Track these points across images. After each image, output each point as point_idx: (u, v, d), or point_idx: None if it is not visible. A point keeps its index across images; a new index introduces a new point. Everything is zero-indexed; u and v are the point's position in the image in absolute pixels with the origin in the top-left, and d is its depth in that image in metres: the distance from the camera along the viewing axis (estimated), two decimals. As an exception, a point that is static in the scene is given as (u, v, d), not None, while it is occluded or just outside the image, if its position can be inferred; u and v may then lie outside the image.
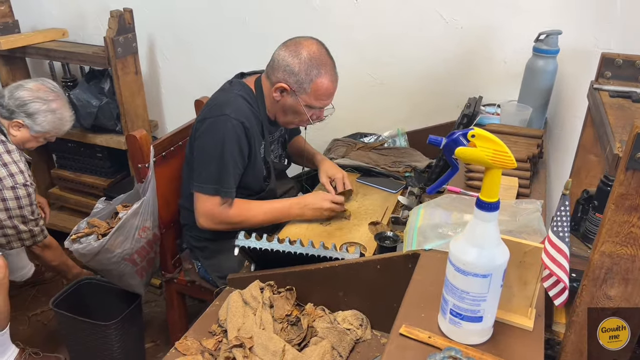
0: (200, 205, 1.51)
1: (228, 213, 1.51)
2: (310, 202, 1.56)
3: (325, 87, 1.50)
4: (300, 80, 1.48)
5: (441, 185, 0.87)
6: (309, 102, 1.51)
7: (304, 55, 1.47)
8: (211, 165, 1.47)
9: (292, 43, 1.51)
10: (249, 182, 1.57)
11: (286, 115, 1.57)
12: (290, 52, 1.48)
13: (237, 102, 1.49)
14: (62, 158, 2.55)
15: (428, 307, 0.92)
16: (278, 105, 1.55)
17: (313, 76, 1.47)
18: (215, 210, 1.50)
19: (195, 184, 1.50)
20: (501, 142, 0.73)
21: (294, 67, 1.47)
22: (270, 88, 1.53)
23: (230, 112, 1.45)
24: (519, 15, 1.79)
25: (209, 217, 1.51)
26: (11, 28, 2.37)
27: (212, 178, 1.47)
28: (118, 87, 2.18)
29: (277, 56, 1.51)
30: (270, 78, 1.53)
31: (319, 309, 1.25)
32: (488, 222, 0.77)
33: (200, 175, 1.49)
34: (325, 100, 1.54)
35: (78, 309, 1.81)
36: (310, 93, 1.50)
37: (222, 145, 1.45)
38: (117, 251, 1.60)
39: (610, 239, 0.93)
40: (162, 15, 2.34)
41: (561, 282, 0.81)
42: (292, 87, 1.49)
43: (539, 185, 1.40)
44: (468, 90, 1.92)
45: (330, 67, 1.51)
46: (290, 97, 1.51)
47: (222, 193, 1.48)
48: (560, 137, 1.91)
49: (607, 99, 1.40)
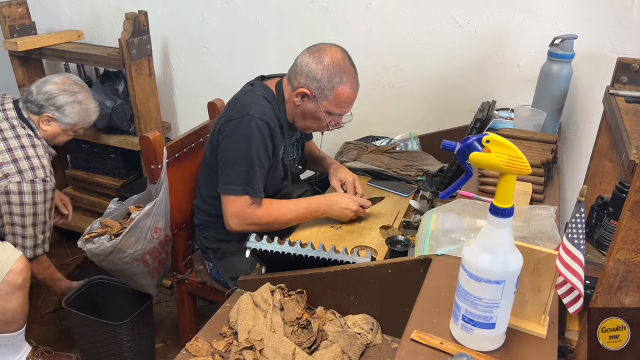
0: (229, 207, 1.49)
1: (258, 213, 1.50)
2: (338, 202, 1.55)
3: (346, 94, 1.51)
4: (322, 87, 1.48)
5: (455, 190, 0.87)
6: (329, 109, 1.52)
7: (327, 61, 1.47)
8: (238, 166, 1.47)
9: (316, 49, 1.51)
10: (268, 182, 1.56)
11: (305, 120, 1.58)
12: (313, 58, 1.49)
13: (260, 102, 1.50)
14: (76, 158, 2.57)
15: (440, 313, 0.92)
16: (298, 110, 1.56)
17: (335, 83, 1.48)
18: (245, 211, 1.49)
19: (223, 186, 1.49)
20: (516, 148, 0.72)
21: (316, 73, 1.47)
22: (292, 92, 1.54)
23: (254, 113, 1.46)
24: (534, 19, 1.77)
25: (239, 218, 1.49)
26: (28, 30, 2.40)
27: (240, 178, 1.47)
28: (132, 88, 2.20)
29: (300, 61, 1.51)
30: (292, 82, 1.53)
31: (330, 313, 1.25)
32: (502, 228, 0.76)
33: (228, 176, 1.48)
34: (345, 107, 1.55)
35: (90, 308, 1.83)
36: (331, 100, 1.50)
37: (249, 145, 1.45)
38: (129, 251, 1.61)
39: (626, 246, 0.92)
40: (176, 18, 2.36)
41: (576, 290, 0.80)
42: (313, 93, 1.49)
43: (553, 190, 1.39)
44: (481, 94, 1.91)
45: (353, 76, 1.52)
46: (310, 103, 1.52)
47: (251, 193, 1.48)
48: (575, 142, 1.89)
49: (623, 105, 1.38)
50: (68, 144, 2.49)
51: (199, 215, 1.70)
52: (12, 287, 1.63)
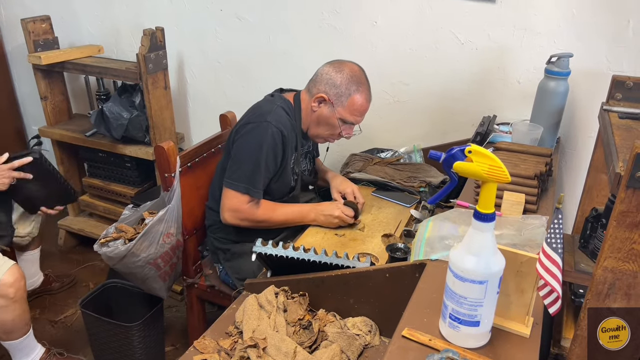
0: (228, 201, 1.62)
1: (254, 211, 1.63)
2: (324, 209, 1.66)
3: (360, 103, 1.64)
4: (340, 93, 1.62)
5: (441, 196, 0.93)
6: (343, 116, 1.64)
7: (346, 71, 1.63)
8: (246, 165, 1.59)
9: (336, 62, 1.67)
10: (274, 188, 1.68)
11: (319, 126, 1.69)
12: (334, 68, 1.64)
13: (278, 112, 1.62)
14: (93, 167, 2.68)
15: (430, 313, 0.98)
16: (314, 116, 1.67)
17: (352, 91, 1.62)
18: (242, 207, 1.61)
19: (227, 180, 1.61)
20: (496, 158, 0.79)
21: (335, 80, 1.62)
22: (309, 100, 1.66)
23: (271, 120, 1.58)
24: (533, 38, 1.84)
25: (234, 212, 1.62)
26: (51, 44, 2.52)
27: (245, 177, 1.59)
28: (148, 101, 2.29)
29: (321, 71, 1.66)
30: (311, 90, 1.67)
31: (330, 315, 1.31)
32: (485, 232, 0.82)
33: (235, 172, 1.60)
34: (357, 116, 1.67)
35: (104, 311, 1.90)
36: (346, 107, 1.63)
37: (260, 148, 1.57)
38: (142, 255, 1.69)
39: (613, 254, 0.97)
40: (191, 34, 2.46)
41: (554, 292, 0.86)
42: (330, 99, 1.63)
43: (547, 202, 1.45)
44: (483, 109, 1.98)
45: (367, 88, 1.67)
46: (327, 108, 1.64)
47: (251, 192, 1.60)
48: (573, 156, 1.94)
49: (616, 120, 1.44)
50: (86, 153, 2.60)
51: (211, 216, 1.79)
52: (5, 300, 1.65)
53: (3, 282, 1.63)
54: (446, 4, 1.92)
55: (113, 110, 2.36)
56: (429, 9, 1.96)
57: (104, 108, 2.36)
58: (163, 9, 2.45)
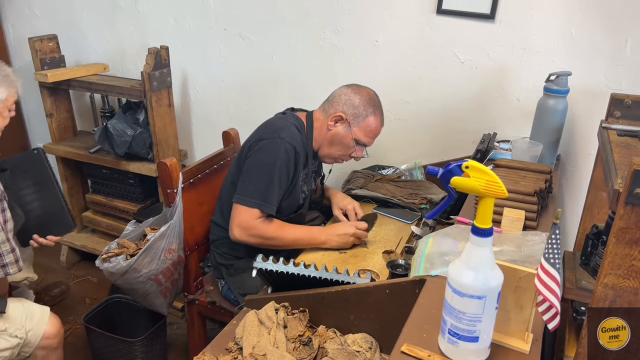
0: (238, 216, 1.60)
1: (264, 227, 1.60)
2: (336, 230, 1.64)
3: (374, 125, 1.69)
4: (357, 114, 1.66)
5: (439, 211, 0.94)
6: (358, 136, 1.68)
7: (364, 94, 1.69)
8: (259, 181, 1.58)
9: (354, 85, 1.73)
10: (284, 206, 1.68)
11: (332, 146, 1.71)
12: (352, 90, 1.70)
13: (291, 129, 1.64)
14: (97, 183, 2.69)
15: (430, 329, 0.98)
16: (328, 135, 1.69)
17: (369, 113, 1.66)
18: (251, 223, 1.59)
19: (238, 196, 1.60)
20: (493, 173, 0.80)
21: (354, 101, 1.66)
22: (324, 119, 1.69)
23: (285, 136, 1.60)
24: (531, 56, 1.87)
25: (244, 228, 1.59)
26: (57, 62, 2.56)
27: (257, 193, 1.58)
28: (152, 118, 2.32)
29: (339, 92, 1.71)
30: (327, 110, 1.70)
31: (331, 331, 1.31)
32: (482, 247, 0.83)
33: (247, 188, 1.59)
34: (371, 138, 1.71)
35: (107, 326, 1.90)
36: (362, 127, 1.67)
37: (274, 164, 1.57)
38: (144, 271, 1.69)
39: (613, 271, 0.98)
40: (195, 53, 2.50)
41: (553, 307, 0.86)
42: (347, 118, 1.66)
43: (547, 218, 1.45)
44: (483, 126, 1.99)
45: (382, 113, 1.72)
46: (343, 128, 1.67)
47: (262, 207, 1.58)
48: (574, 173, 1.95)
49: (615, 138, 1.45)
50: (90, 169, 2.62)
51: (215, 231, 1.79)
52: (48, 351, 1.62)
53: (47, 334, 1.58)
54: (446, 24, 1.95)
55: (117, 127, 2.39)
56: (429, 29, 1.99)
57: (108, 125, 2.39)
58: (168, 28, 2.50)
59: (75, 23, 2.70)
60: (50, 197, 1.69)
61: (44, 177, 1.68)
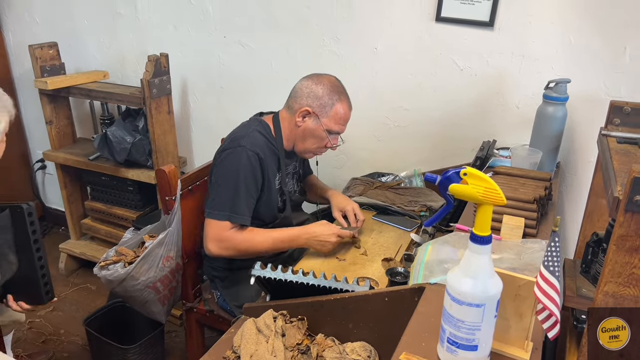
0: (209, 230, 1.59)
1: (235, 238, 1.59)
2: (317, 234, 1.61)
3: (343, 112, 1.66)
4: (323, 104, 1.64)
5: (437, 219, 0.94)
6: (328, 126, 1.66)
7: (326, 82, 1.66)
8: (225, 193, 1.57)
9: (313, 75, 1.70)
10: (261, 212, 1.67)
11: (305, 141, 1.69)
12: (313, 81, 1.67)
13: (253, 135, 1.63)
14: (96, 190, 2.69)
15: (429, 337, 0.97)
16: (299, 131, 1.68)
17: (334, 100, 1.64)
18: (223, 235, 1.58)
19: (208, 210, 1.60)
20: (491, 180, 0.79)
21: (317, 92, 1.64)
22: (291, 117, 1.67)
23: (246, 144, 1.59)
24: (531, 64, 1.87)
25: (216, 242, 1.59)
26: (57, 70, 2.57)
27: (225, 204, 1.57)
28: (151, 125, 2.32)
29: (300, 86, 1.68)
30: (292, 107, 1.67)
31: (329, 340, 1.30)
32: (481, 254, 0.82)
33: (214, 201, 1.59)
34: (342, 125, 1.69)
35: (110, 330, 1.88)
36: (331, 116, 1.65)
37: (237, 173, 1.57)
38: (142, 279, 1.68)
39: (613, 279, 0.97)
40: (195, 60, 2.50)
41: (553, 316, 0.85)
42: (314, 111, 1.64)
43: (547, 226, 1.44)
44: (482, 134, 1.99)
45: (347, 96, 1.69)
46: (312, 121, 1.65)
47: (232, 219, 1.57)
48: (574, 181, 1.94)
49: (614, 145, 1.44)
50: (88, 177, 2.61)
51: None
52: None
53: None
54: (445, 31, 1.96)
55: (116, 135, 2.39)
56: (428, 36, 1.99)
57: (108, 132, 2.39)
58: (168, 36, 2.50)
59: (75, 30, 2.71)
60: (28, 263, 1.48)
61: (24, 239, 1.46)
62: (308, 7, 2.16)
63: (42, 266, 1.47)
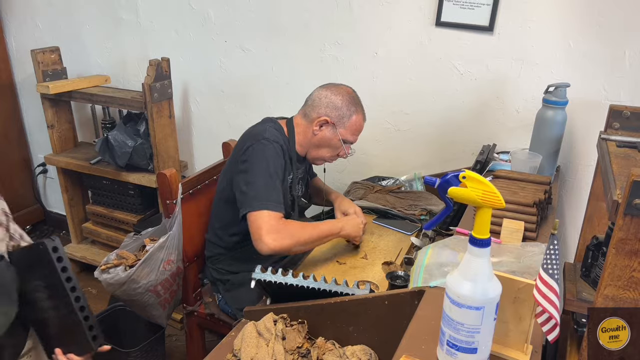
0: (262, 224, 1.47)
1: (290, 226, 1.51)
2: (349, 219, 1.68)
3: (359, 123, 1.71)
4: (342, 115, 1.66)
5: (437, 222, 0.94)
6: (345, 136, 1.69)
7: (344, 93, 1.69)
8: (261, 184, 1.52)
9: (331, 85, 1.72)
10: None
11: (319, 149, 1.72)
12: (331, 91, 1.69)
13: (271, 131, 1.64)
14: (97, 194, 2.70)
15: (429, 340, 0.97)
16: (315, 139, 1.69)
17: (352, 111, 1.67)
18: (278, 225, 1.48)
19: (248, 207, 1.50)
20: (490, 183, 0.80)
21: (336, 102, 1.66)
22: (307, 124, 1.69)
23: (269, 136, 1.60)
24: (530, 68, 1.87)
25: (273, 233, 1.46)
26: (59, 74, 2.58)
27: (264, 195, 1.51)
28: (152, 129, 2.33)
29: (318, 95, 1.70)
30: (310, 115, 1.69)
31: (329, 343, 1.30)
32: (480, 257, 0.83)
33: (252, 196, 1.51)
34: (356, 136, 1.73)
35: (111, 333, 1.88)
36: (347, 127, 1.68)
37: (267, 164, 1.55)
38: (143, 282, 1.69)
39: (613, 282, 0.97)
40: (196, 64, 2.52)
41: (552, 319, 0.85)
42: (333, 121, 1.67)
43: (547, 229, 1.44)
44: (482, 138, 2.00)
45: (362, 108, 1.73)
46: (329, 130, 1.68)
47: (276, 207, 1.50)
48: (574, 184, 1.95)
49: (614, 149, 1.45)
50: (90, 181, 2.62)
51: (210, 247, 1.78)
52: None
53: None
54: (445, 36, 1.97)
55: (118, 139, 2.40)
56: (428, 41, 2.00)
57: (109, 136, 2.40)
58: (170, 40, 2.52)
59: (77, 35, 2.72)
60: (65, 307, 1.28)
61: (55, 280, 1.26)
62: (309, 12, 2.17)
63: (83, 307, 1.28)
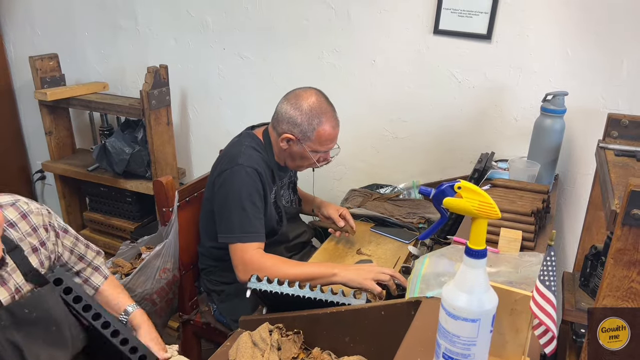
0: (232, 257, 1.53)
1: (261, 262, 1.49)
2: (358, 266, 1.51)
3: (327, 133, 1.59)
4: (304, 130, 1.58)
5: (432, 232, 0.93)
6: (314, 148, 1.61)
7: (304, 107, 1.57)
8: (233, 214, 1.53)
9: (292, 96, 1.62)
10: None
11: (294, 160, 1.67)
12: (291, 105, 1.59)
13: (248, 151, 1.60)
14: (94, 201, 2.69)
15: (424, 352, 0.96)
16: (286, 153, 1.65)
17: (315, 125, 1.57)
18: (245, 258, 1.50)
19: (222, 236, 1.55)
20: (485, 194, 0.79)
21: (296, 118, 1.57)
22: (277, 138, 1.63)
23: (243, 162, 1.56)
24: (528, 76, 1.87)
25: (241, 266, 1.50)
26: (58, 81, 2.57)
27: (235, 226, 1.52)
28: (150, 136, 2.32)
29: (280, 109, 1.62)
30: (276, 129, 1.63)
31: (325, 354, 1.28)
32: (476, 268, 0.81)
33: (225, 226, 1.54)
34: (329, 144, 1.63)
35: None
36: (314, 140, 1.59)
37: (239, 193, 1.53)
38: (138, 290, 1.67)
39: (611, 293, 0.96)
40: (194, 72, 2.52)
41: (549, 331, 0.84)
42: (297, 137, 1.59)
43: (545, 239, 1.43)
44: (481, 146, 1.99)
45: (330, 114, 1.60)
46: (296, 146, 1.61)
47: (244, 239, 1.51)
48: (572, 193, 1.94)
49: (612, 158, 1.44)
50: (87, 188, 2.61)
51: (203, 260, 1.78)
52: None
53: None
54: (443, 44, 1.96)
55: (115, 146, 2.39)
56: (426, 49, 2.00)
57: (107, 143, 2.39)
58: (168, 48, 2.52)
59: (76, 42, 2.73)
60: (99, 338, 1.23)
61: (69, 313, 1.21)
62: (307, 20, 2.18)
63: (116, 331, 1.21)
